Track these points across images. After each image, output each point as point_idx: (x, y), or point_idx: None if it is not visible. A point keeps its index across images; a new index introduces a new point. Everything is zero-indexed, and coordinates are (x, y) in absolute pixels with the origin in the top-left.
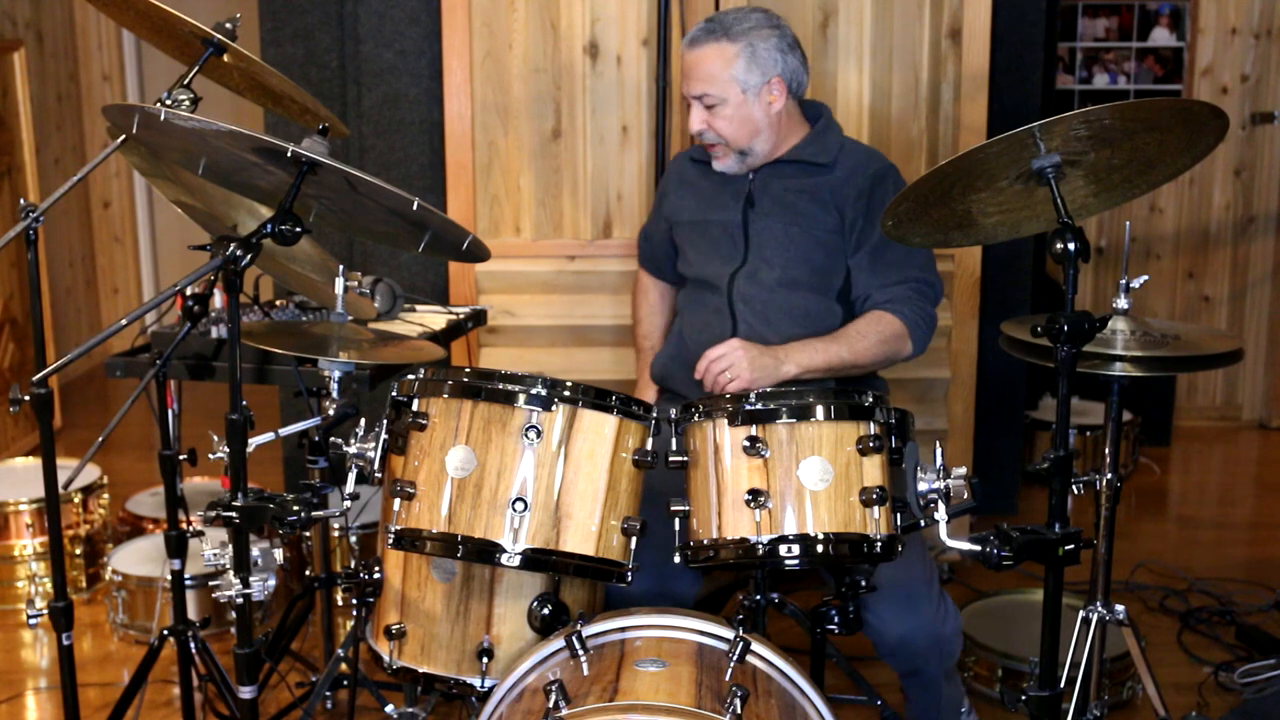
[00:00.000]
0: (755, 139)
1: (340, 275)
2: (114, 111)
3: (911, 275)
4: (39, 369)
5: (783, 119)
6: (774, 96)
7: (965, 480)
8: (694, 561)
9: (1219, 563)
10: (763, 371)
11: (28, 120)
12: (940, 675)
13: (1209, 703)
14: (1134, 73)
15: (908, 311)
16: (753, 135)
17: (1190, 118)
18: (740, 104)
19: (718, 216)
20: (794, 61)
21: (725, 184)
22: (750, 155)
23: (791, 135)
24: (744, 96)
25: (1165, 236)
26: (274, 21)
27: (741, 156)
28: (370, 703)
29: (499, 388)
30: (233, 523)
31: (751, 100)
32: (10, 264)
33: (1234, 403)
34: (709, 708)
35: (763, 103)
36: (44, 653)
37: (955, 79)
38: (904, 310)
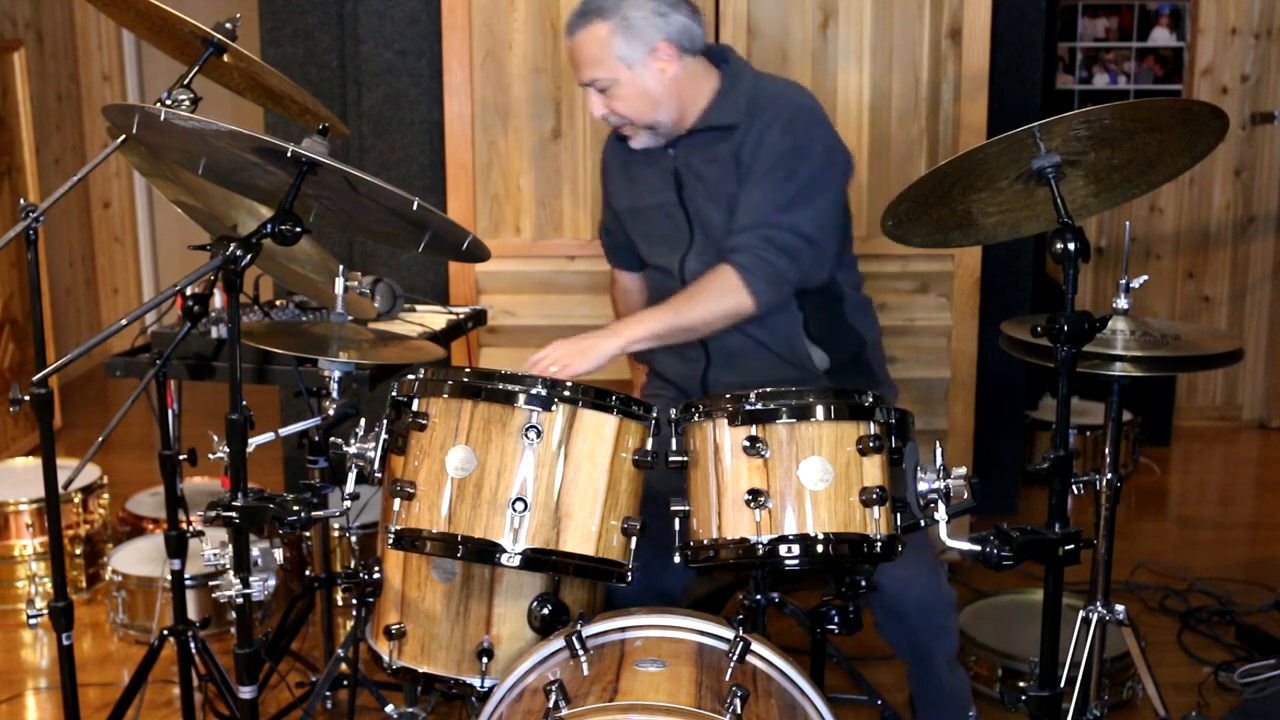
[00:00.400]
0: (658, 111)
1: (340, 275)
2: (114, 111)
3: (762, 222)
4: (39, 369)
5: (683, 82)
6: (664, 63)
7: (965, 480)
8: (694, 561)
9: (1219, 563)
10: (584, 353)
11: (28, 120)
12: (945, 664)
13: (1209, 703)
14: (1134, 73)
15: (746, 262)
16: (654, 108)
17: (1190, 118)
18: (630, 80)
19: (654, 200)
20: (679, 19)
21: (652, 163)
22: (660, 127)
23: (700, 95)
24: (631, 72)
25: (1165, 236)
26: (274, 21)
27: (652, 131)
28: (370, 703)
29: (499, 388)
30: (233, 523)
31: (640, 73)
32: (10, 264)
33: (1234, 403)
34: (709, 708)
35: (653, 73)
36: (44, 653)
37: (955, 79)
38: (743, 260)
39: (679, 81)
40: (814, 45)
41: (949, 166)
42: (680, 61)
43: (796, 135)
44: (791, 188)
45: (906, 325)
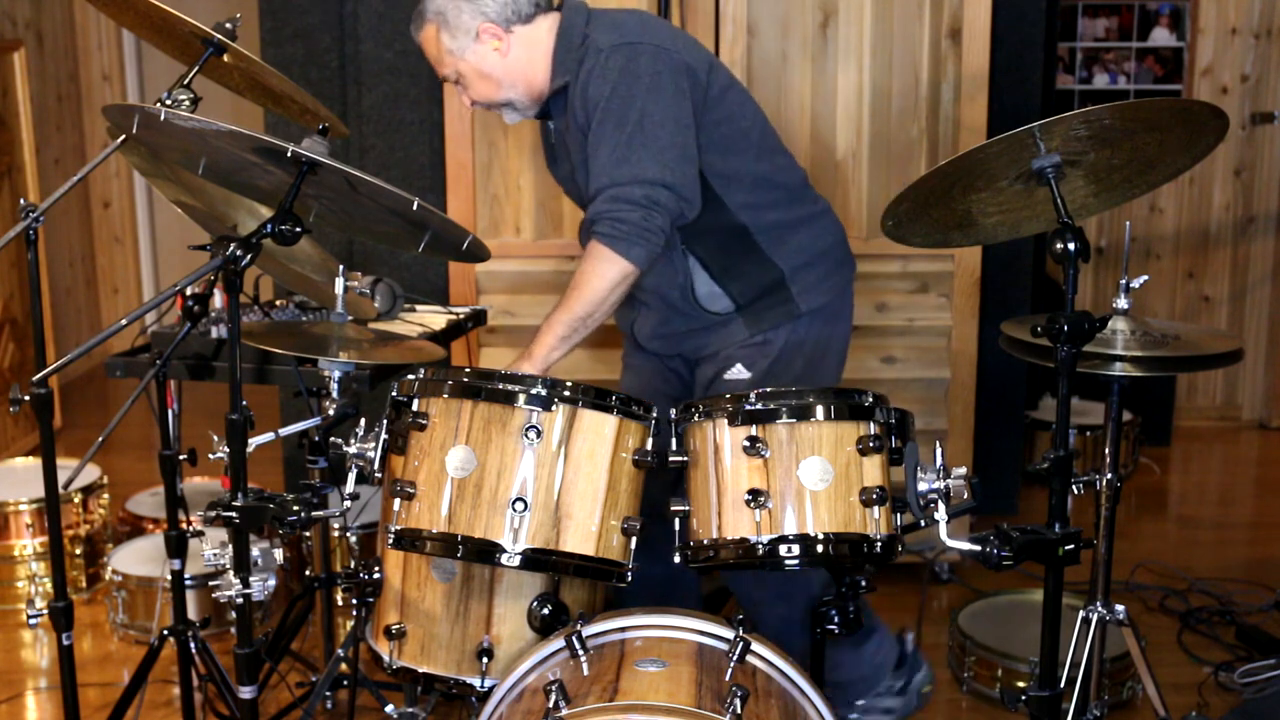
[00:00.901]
0: (502, 90)
1: (340, 275)
2: (114, 111)
3: (605, 183)
4: (39, 369)
5: (524, 54)
6: (494, 43)
7: (965, 480)
8: (694, 561)
9: (1219, 563)
10: None
11: (28, 120)
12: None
13: (1209, 703)
14: (1134, 73)
15: (605, 229)
16: (498, 88)
17: (1190, 118)
18: (470, 69)
19: (556, 174)
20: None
21: (545, 138)
22: (516, 103)
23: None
24: (467, 62)
25: (1165, 236)
26: (274, 21)
27: (512, 109)
28: (370, 703)
29: (499, 388)
30: (233, 523)
31: (475, 61)
32: (10, 264)
33: (1234, 403)
34: (709, 708)
35: (487, 56)
36: (44, 653)
37: (955, 79)
38: (602, 229)
39: (519, 56)
40: (814, 45)
41: (949, 166)
42: (510, 36)
43: (612, 78)
44: (623, 136)
45: (906, 325)
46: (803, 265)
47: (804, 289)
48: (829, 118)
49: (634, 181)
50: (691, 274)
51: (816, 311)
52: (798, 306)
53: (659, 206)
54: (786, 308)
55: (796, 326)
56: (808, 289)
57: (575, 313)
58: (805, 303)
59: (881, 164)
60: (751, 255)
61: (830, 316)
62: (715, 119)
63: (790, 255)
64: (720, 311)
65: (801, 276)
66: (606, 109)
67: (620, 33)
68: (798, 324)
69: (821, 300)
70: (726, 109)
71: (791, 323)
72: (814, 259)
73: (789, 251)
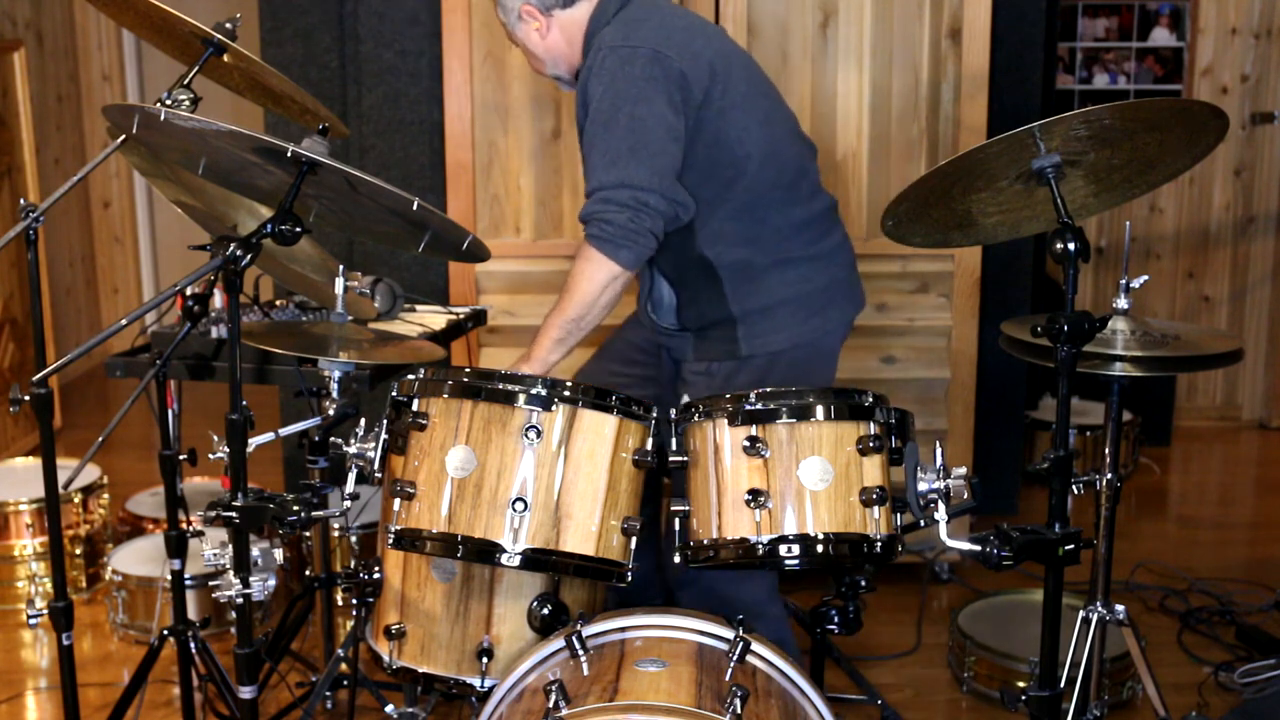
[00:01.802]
0: (548, 67)
1: (340, 275)
2: (114, 111)
3: (597, 185)
4: (39, 369)
5: (565, 38)
6: (535, 24)
7: (965, 480)
8: (694, 561)
9: (1219, 563)
10: None
11: (28, 120)
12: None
13: (1209, 703)
14: (1134, 73)
15: (595, 231)
16: (544, 64)
17: (1190, 118)
18: (522, 43)
19: None
20: None
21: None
22: (561, 79)
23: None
24: (519, 36)
25: (1165, 236)
26: (274, 21)
27: (560, 80)
28: (370, 703)
29: (499, 388)
30: (233, 523)
31: (524, 37)
32: (10, 264)
33: (1234, 403)
34: (709, 708)
35: (531, 34)
36: (44, 653)
37: (955, 79)
38: (591, 231)
39: (557, 39)
40: (814, 45)
41: (949, 166)
42: (549, 19)
43: (605, 79)
44: (613, 139)
45: (906, 325)
46: (758, 310)
47: (751, 334)
48: (829, 118)
49: (622, 185)
50: (654, 283)
51: (775, 355)
52: (740, 348)
53: (648, 209)
54: (730, 347)
55: (742, 366)
56: (756, 335)
57: (568, 314)
58: (749, 347)
59: (881, 164)
60: (710, 289)
61: (794, 363)
62: (706, 139)
63: (748, 298)
64: (669, 326)
65: (754, 321)
66: (598, 109)
67: (627, 33)
68: (743, 364)
69: (776, 347)
70: (720, 130)
71: (735, 362)
72: (777, 305)
73: (749, 293)
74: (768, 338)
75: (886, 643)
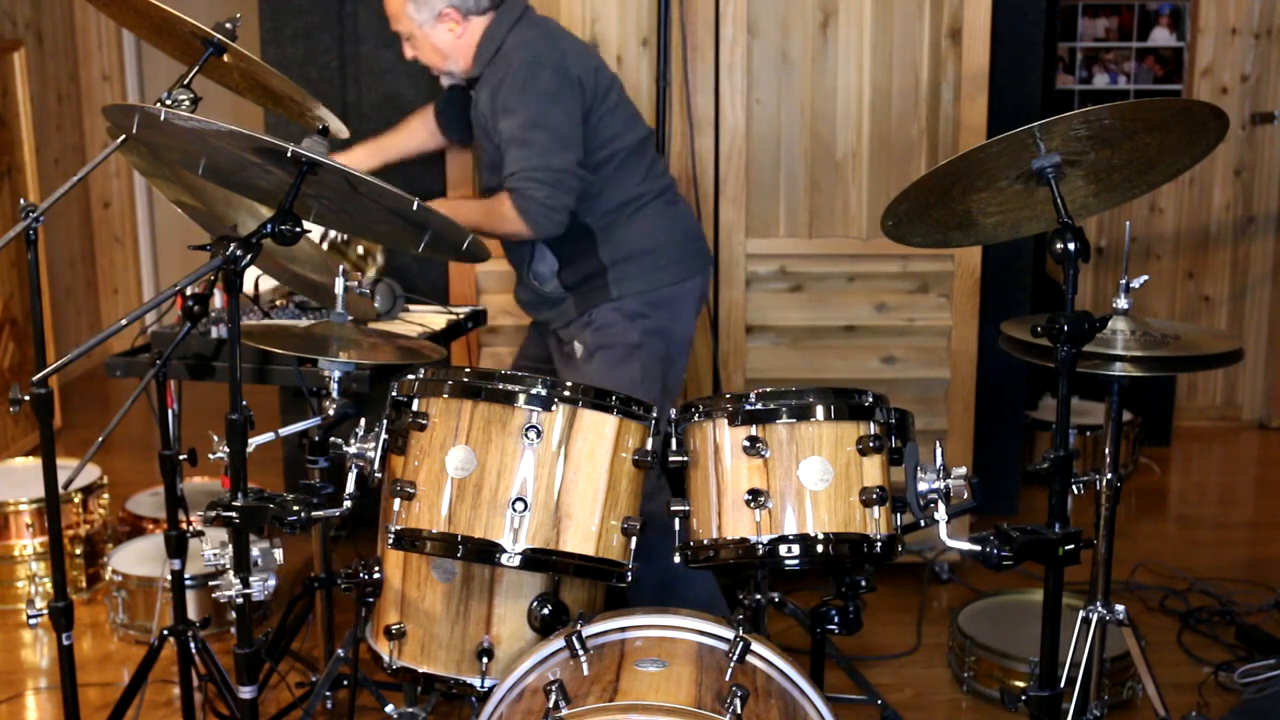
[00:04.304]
0: (447, 63)
1: (340, 275)
2: (114, 111)
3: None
4: (39, 369)
5: (471, 38)
6: (451, 24)
7: (965, 480)
8: (694, 561)
9: (1219, 563)
10: None
11: (28, 120)
12: None
13: (1209, 703)
14: (1134, 73)
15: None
16: (444, 60)
17: (1190, 118)
18: (423, 37)
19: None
20: None
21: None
22: (452, 75)
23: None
24: (423, 30)
25: (1165, 236)
26: (274, 21)
27: (449, 75)
28: (370, 703)
29: (499, 388)
30: (233, 523)
31: (430, 33)
32: (10, 264)
33: (1234, 403)
34: (709, 708)
35: (442, 33)
36: (44, 653)
37: (955, 79)
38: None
39: (468, 41)
40: (814, 45)
41: (949, 166)
42: (466, 23)
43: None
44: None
45: (906, 325)
46: (624, 258)
47: (620, 277)
48: (829, 118)
49: (546, 168)
50: (534, 254)
51: (639, 296)
52: (611, 291)
53: (564, 186)
54: (603, 292)
55: (619, 305)
56: (625, 278)
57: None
58: (619, 290)
59: (881, 164)
60: (585, 246)
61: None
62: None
63: (616, 249)
64: (550, 292)
65: (621, 267)
66: (513, 113)
67: (531, 50)
68: (619, 304)
69: (642, 287)
70: (605, 126)
71: (609, 303)
72: (639, 253)
73: (617, 244)
74: (635, 280)
75: (886, 643)
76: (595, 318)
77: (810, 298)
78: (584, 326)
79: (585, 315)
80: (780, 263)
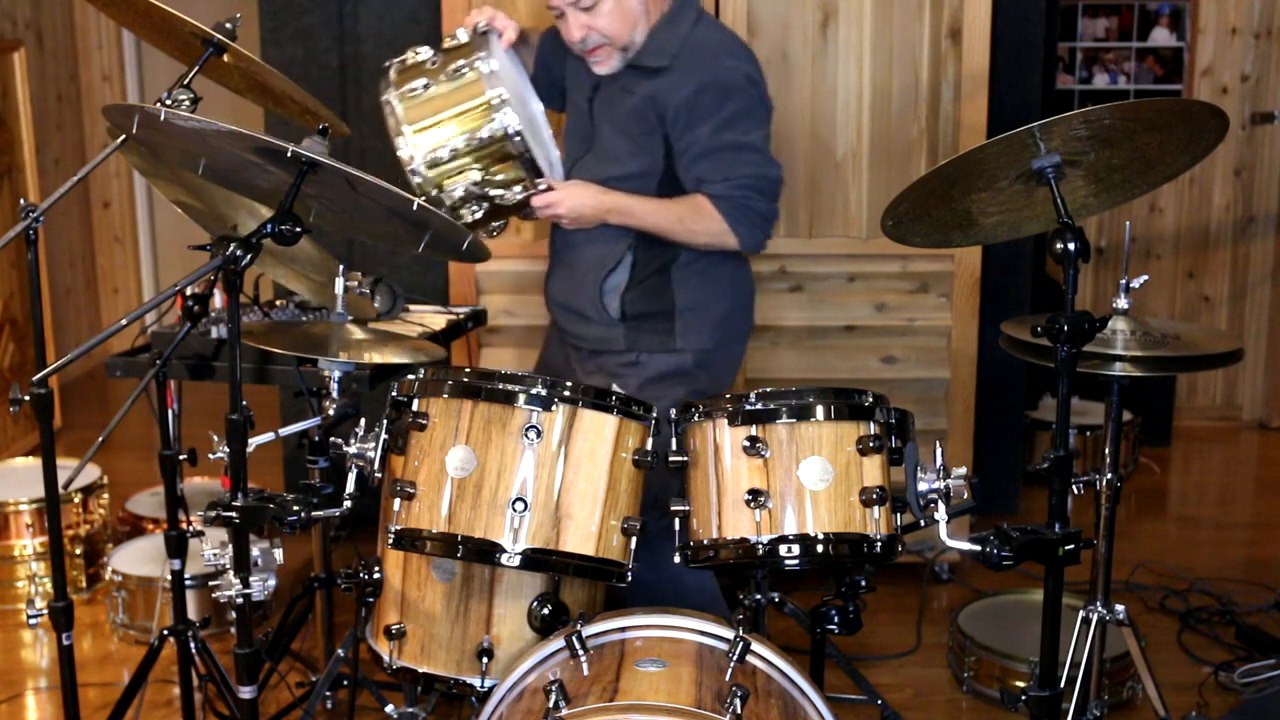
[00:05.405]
0: (634, 30)
1: (340, 275)
2: (114, 111)
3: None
4: (39, 369)
5: (655, 19)
6: None
7: (965, 480)
8: (694, 561)
9: (1219, 563)
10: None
11: (28, 120)
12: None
13: (1209, 703)
14: (1134, 73)
15: (727, 208)
16: (633, 27)
17: (1190, 118)
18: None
19: (574, 94)
20: None
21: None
22: (631, 48)
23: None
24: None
25: (1165, 236)
26: (274, 21)
27: (624, 53)
28: (370, 703)
29: (499, 388)
30: (233, 523)
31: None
32: (10, 264)
33: (1234, 403)
34: (709, 708)
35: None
36: (44, 653)
37: (955, 79)
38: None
39: (652, 12)
40: (814, 45)
41: (949, 166)
42: None
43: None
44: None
45: (906, 325)
46: (695, 307)
47: (687, 329)
48: (829, 118)
49: (762, 177)
50: (617, 266)
51: (697, 353)
52: (675, 341)
53: (777, 198)
54: (665, 339)
55: (678, 361)
56: (690, 330)
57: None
58: (683, 340)
59: (881, 164)
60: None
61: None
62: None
63: (688, 294)
64: (608, 309)
65: (689, 318)
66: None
67: (749, 65)
68: (679, 359)
69: (705, 344)
70: None
71: (669, 353)
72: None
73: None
74: (700, 334)
75: (886, 643)
76: (647, 365)
77: (810, 298)
78: (630, 367)
79: (635, 355)
80: (780, 263)
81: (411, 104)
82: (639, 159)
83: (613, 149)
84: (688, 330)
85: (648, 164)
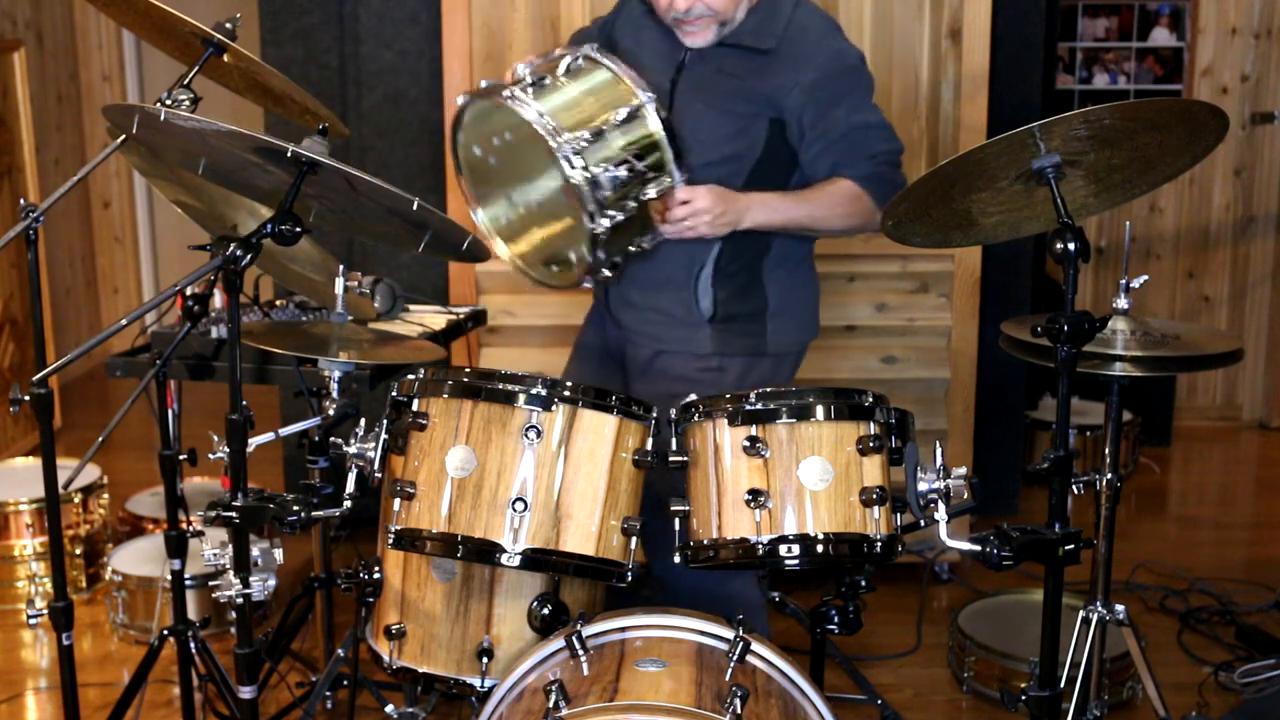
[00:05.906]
0: (740, 6)
1: (340, 275)
2: (114, 111)
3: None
4: (39, 369)
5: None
6: None
7: (965, 480)
8: (694, 561)
9: (1219, 563)
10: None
11: (28, 120)
12: None
13: (1209, 703)
14: (1134, 73)
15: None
16: (738, 3)
17: (1190, 118)
18: None
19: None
20: None
21: (665, 37)
22: (730, 24)
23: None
24: None
25: (1165, 236)
26: (274, 21)
27: (722, 28)
28: (370, 703)
29: (499, 388)
30: (233, 523)
31: None
32: (10, 264)
33: (1234, 403)
34: (709, 708)
35: None
36: (44, 653)
37: (955, 79)
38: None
39: None
40: None
41: (949, 166)
42: None
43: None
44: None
45: (906, 325)
46: (786, 306)
47: (779, 329)
48: None
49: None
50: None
51: (781, 356)
52: (766, 344)
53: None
54: (755, 342)
55: (755, 363)
56: (781, 330)
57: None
58: (774, 344)
59: None
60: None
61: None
62: None
63: (780, 293)
64: (701, 309)
65: (781, 317)
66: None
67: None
68: (757, 361)
69: (791, 347)
70: None
71: (752, 358)
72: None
73: (781, 287)
74: (789, 335)
75: (886, 643)
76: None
77: None
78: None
79: (720, 360)
80: None
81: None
82: (737, 141)
83: (708, 131)
84: (779, 332)
85: (745, 146)
